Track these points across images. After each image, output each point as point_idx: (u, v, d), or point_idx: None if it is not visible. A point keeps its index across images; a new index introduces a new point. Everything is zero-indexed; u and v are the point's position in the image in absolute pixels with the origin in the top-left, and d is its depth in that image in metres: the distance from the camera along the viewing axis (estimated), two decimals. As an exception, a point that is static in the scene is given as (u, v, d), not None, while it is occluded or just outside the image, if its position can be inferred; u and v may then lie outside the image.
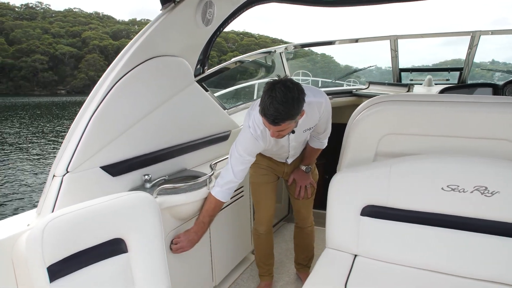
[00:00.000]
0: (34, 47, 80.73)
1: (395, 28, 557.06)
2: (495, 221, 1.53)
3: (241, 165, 1.97)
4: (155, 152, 2.03)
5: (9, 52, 77.98)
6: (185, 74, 2.18)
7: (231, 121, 2.75)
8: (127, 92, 1.78)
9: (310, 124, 2.02)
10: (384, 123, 1.80)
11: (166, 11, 1.94)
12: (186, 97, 2.21)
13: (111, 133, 1.74)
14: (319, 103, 1.94)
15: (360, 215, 1.77)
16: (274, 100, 1.60)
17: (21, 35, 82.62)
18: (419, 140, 1.76)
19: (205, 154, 2.47)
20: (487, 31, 4.14)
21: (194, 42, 2.21)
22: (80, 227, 1.36)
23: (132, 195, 1.56)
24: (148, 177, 1.91)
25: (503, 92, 3.26)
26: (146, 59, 1.86)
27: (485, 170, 1.54)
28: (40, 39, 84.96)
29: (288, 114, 1.63)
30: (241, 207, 2.67)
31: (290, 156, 2.28)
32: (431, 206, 1.64)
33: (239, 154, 1.96)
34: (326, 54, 79.89)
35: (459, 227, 1.59)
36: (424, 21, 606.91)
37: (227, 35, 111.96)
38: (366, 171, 1.77)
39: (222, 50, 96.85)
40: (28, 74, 76.64)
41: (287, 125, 1.70)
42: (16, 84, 75.84)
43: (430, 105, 1.72)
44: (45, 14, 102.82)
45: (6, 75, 76.08)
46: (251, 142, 1.95)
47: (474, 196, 1.55)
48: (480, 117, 1.62)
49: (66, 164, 1.55)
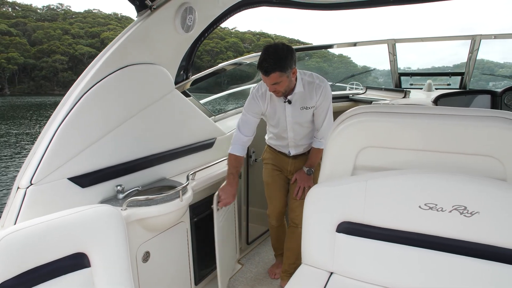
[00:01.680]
0: (54, 48, 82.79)
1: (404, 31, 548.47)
2: (474, 242, 1.43)
3: (245, 123, 2.33)
4: (131, 162, 1.99)
5: (31, 52, 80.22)
6: (163, 82, 2.14)
7: (216, 128, 2.70)
8: (98, 101, 1.74)
9: (307, 103, 2.28)
10: (363, 135, 1.70)
11: (141, 18, 1.90)
12: (165, 105, 2.17)
13: (81, 143, 1.70)
14: (319, 86, 2.26)
15: (336, 231, 1.69)
16: (266, 55, 2.02)
17: (43, 36, 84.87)
18: (398, 154, 1.66)
19: (187, 162, 2.43)
20: (489, 35, 3.99)
21: (174, 49, 2.17)
22: (38, 242, 1.32)
23: (95, 209, 1.52)
24: (120, 188, 1.87)
25: (502, 100, 3.10)
26: (120, 67, 1.82)
27: (465, 189, 1.43)
28: (61, 40, 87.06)
29: (277, 64, 2.00)
30: (226, 216, 2.61)
31: (291, 145, 2.45)
32: (408, 225, 1.54)
33: (242, 113, 2.34)
34: (344, 55, 79.16)
35: (437, 247, 1.49)
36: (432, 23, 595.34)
37: (244, 35, 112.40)
38: (343, 186, 1.68)
39: (239, 51, 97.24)
40: (49, 74, 78.67)
41: (279, 78, 2.04)
42: (37, 83, 77.95)
43: (411, 118, 1.62)
44: (65, 15, 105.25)
45: (28, 75, 78.29)
46: (252, 102, 2.32)
47: (453, 216, 1.45)
48: (463, 131, 1.51)
49: (30, 176, 1.52)
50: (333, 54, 79.12)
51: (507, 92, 3.09)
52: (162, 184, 2.13)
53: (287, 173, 2.56)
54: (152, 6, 1.90)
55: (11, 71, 75.05)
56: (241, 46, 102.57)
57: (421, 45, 30.45)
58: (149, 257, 1.94)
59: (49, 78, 78.95)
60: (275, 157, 2.55)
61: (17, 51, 77.83)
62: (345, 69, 74.32)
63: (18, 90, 75.73)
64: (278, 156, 2.54)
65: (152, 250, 1.96)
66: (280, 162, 2.54)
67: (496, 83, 9.00)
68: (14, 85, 76.23)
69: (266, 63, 2.00)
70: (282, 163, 2.54)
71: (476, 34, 4.03)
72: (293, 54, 2.07)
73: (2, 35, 79.68)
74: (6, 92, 73.70)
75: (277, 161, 2.55)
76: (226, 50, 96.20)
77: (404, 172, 1.58)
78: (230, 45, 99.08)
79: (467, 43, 4.21)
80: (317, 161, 2.47)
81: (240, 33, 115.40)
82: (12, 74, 75.71)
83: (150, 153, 2.13)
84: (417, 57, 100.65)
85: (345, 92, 4.83)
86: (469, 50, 4.17)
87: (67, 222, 1.42)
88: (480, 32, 4.50)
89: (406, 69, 29.65)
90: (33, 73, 78.46)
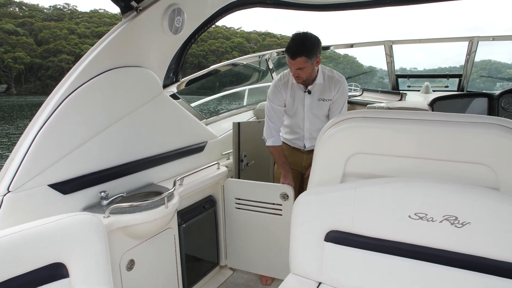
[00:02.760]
0: (61, 47, 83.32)
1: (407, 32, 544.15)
2: (466, 254, 1.37)
3: (273, 113, 2.46)
4: (116, 167, 1.94)
5: (37, 52, 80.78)
6: (151, 85, 2.09)
7: (207, 131, 2.64)
8: (82, 104, 1.69)
9: (325, 96, 2.42)
10: (353, 141, 1.64)
11: (127, 20, 1.85)
12: (153, 108, 2.12)
13: (63, 148, 1.65)
14: (338, 81, 2.41)
15: (324, 240, 1.63)
16: (294, 40, 2.18)
17: (49, 36, 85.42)
18: (389, 161, 1.60)
19: (176, 166, 2.37)
20: (488, 37, 3.94)
21: (162, 51, 2.12)
22: (13, 252, 1.28)
23: (73, 217, 1.46)
24: (104, 194, 1.82)
25: (499, 103, 3.02)
26: (104, 70, 1.77)
27: (456, 198, 1.37)
28: (67, 39, 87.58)
29: (304, 50, 2.15)
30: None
31: (307, 137, 2.55)
32: (398, 235, 1.48)
33: (269, 104, 2.47)
34: (349, 55, 78.89)
35: (427, 258, 1.43)
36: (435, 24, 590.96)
37: (249, 35, 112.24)
38: (331, 193, 1.62)
39: (244, 51, 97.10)
40: (55, 74, 79.05)
41: (304, 63, 2.18)
42: (43, 83, 78.43)
43: (403, 123, 1.56)
44: (72, 15, 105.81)
45: (34, 74, 78.87)
46: (275, 92, 2.44)
47: (443, 226, 1.39)
48: (455, 138, 1.45)
49: (8, 183, 1.47)
50: (339, 54, 78.90)
51: (504, 95, 3.01)
52: (149, 190, 2.08)
53: (302, 168, 2.68)
54: (138, 8, 1.85)
55: (18, 70, 75.65)
56: (247, 46, 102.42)
57: (427, 46, 29.97)
58: (134, 265, 1.89)
59: (55, 77, 79.26)
60: (289, 154, 2.65)
61: (24, 50, 78.45)
62: (350, 69, 74.12)
63: (24, 89, 76.33)
64: (293, 152, 2.65)
65: (137, 258, 1.91)
66: (295, 158, 2.65)
67: (503, 83, 8.82)
68: (20, 85, 76.86)
69: (294, 47, 2.15)
70: (297, 158, 2.65)
71: (474, 36, 3.97)
72: (319, 43, 2.23)
73: (9, 34, 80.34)
74: (13, 92, 74.32)
75: (292, 158, 2.64)
76: (231, 50, 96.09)
77: (393, 180, 1.52)
78: (235, 45, 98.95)
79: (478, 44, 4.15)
80: None
81: (246, 33, 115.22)
82: (18, 74, 76.32)
83: (137, 157, 2.08)
84: (423, 58, 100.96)
85: None
86: (467, 52, 4.12)
87: (44, 232, 1.37)
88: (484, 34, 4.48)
89: (412, 70, 28.62)
90: (39, 73, 79.06)
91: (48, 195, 1.62)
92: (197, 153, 2.53)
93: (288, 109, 2.52)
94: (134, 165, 2.05)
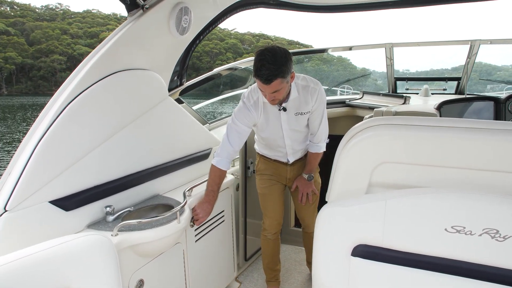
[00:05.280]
0: (53, 48, 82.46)
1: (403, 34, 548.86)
2: (507, 269, 1.29)
3: (236, 133, 2.10)
4: (121, 179, 1.82)
5: (29, 52, 79.86)
6: (156, 89, 1.99)
7: (212, 137, 2.54)
8: (84, 113, 1.58)
9: (303, 109, 2.15)
10: (380, 149, 1.55)
11: (133, 19, 1.76)
12: (158, 114, 2.02)
13: (64, 161, 1.53)
14: (314, 89, 2.12)
15: (351, 255, 1.54)
16: (264, 61, 1.82)
17: (41, 36, 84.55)
18: (420, 171, 1.51)
19: (182, 176, 2.26)
20: (486, 40, 3.95)
21: (168, 53, 2.03)
22: (15, 281, 1.15)
23: (81, 238, 1.33)
24: (110, 209, 1.70)
25: (505, 107, 2.99)
26: (108, 74, 1.66)
27: (496, 210, 1.30)
28: (59, 40, 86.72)
29: (278, 70, 1.83)
30: (222, 232, 2.46)
31: (290, 153, 2.33)
32: (433, 249, 1.39)
33: (233, 122, 2.11)
34: (343, 57, 79.27)
35: (465, 274, 1.35)
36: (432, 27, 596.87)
37: (243, 36, 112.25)
38: (358, 205, 1.52)
39: (238, 52, 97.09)
40: (47, 74, 78.34)
41: (280, 85, 1.88)
42: (35, 83, 77.59)
43: (434, 131, 1.47)
44: (64, 15, 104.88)
45: (25, 74, 77.96)
46: (244, 111, 2.10)
47: (483, 240, 1.31)
48: (489, 146, 1.38)
49: (4, 202, 1.35)
50: (332, 56, 79.16)
51: (511, 99, 2.98)
52: (156, 202, 1.97)
53: (286, 181, 2.46)
54: (145, 6, 1.76)
55: (9, 70, 74.69)
56: (241, 47, 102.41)
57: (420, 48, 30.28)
58: (143, 286, 1.77)
59: (47, 78, 78.58)
60: (271, 166, 2.42)
61: (15, 50, 77.46)
62: (344, 71, 74.43)
63: (15, 90, 75.35)
64: (274, 165, 2.41)
65: (147, 277, 1.78)
66: (277, 170, 2.42)
67: (493, 85, 8.96)
68: (11, 85, 75.86)
69: (266, 69, 1.81)
70: (280, 171, 2.42)
71: (476, 39, 3.96)
72: (290, 56, 1.92)
73: (0, 34, 79.36)
74: (4, 92, 73.39)
75: (274, 171, 2.42)
76: (225, 51, 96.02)
77: (428, 191, 1.43)
78: (229, 46, 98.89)
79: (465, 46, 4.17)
80: (315, 166, 2.41)
81: (240, 34, 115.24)
82: (9, 74, 75.34)
83: (142, 168, 1.96)
84: (416, 59, 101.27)
85: (342, 97, 4.74)
86: (468, 55, 4.08)
87: (49, 257, 1.24)
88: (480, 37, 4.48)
89: (405, 71, 28.94)
90: (31, 73, 78.13)
91: (49, 212, 1.50)
92: (202, 160, 2.43)
93: (261, 130, 2.24)
94: (140, 176, 1.93)
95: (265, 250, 2.55)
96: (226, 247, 2.49)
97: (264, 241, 2.53)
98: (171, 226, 1.73)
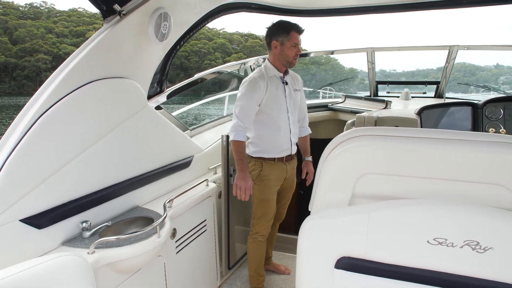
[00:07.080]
0: (37, 47, 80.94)
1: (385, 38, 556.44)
2: (488, 280, 1.30)
3: (248, 112, 2.35)
4: (98, 192, 1.76)
5: (12, 51, 78.23)
6: (135, 97, 1.94)
7: (193, 144, 2.50)
8: (57, 125, 1.51)
9: (297, 86, 2.63)
10: (363, 160, 1.54)
11: (109, 25, 1.71)
12: (137, 123, 1.96)
13: (36, 176, 1.46)
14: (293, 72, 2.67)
15: (335, 267, 1.52)
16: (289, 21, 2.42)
17: (25, 35, 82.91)
18: (403, 182, 1.51)
19: (162, 185, 2.22)
20: (463, 46, 4.12)
21: (147, 60, 1.98)
22: None
23: (53, 260, 1.25)
24: (86, 225, 1.64)
25: (483, 112, 3.05)
26: (83, 84, 1.61)
27: (476, 222, 1.30)
28: (44, 39, 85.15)
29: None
30: (205, 241, 2.42)
31: (293, 133, 2.55)
32: (416, 261, 1.39)
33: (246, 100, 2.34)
34: (331, 57, 79.94)
35: (448, 285, 1.35)
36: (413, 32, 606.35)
37: (232, 36, 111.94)
38: (341, 217, 1.51)
39: (227, 52, 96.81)
40: (32, 74, 76.77)
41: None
42: (19, 83, 75.99)
43: (418, 142, 1.47)
44: (49, 14, 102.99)
45: (9, 74, 76.34)
46: (256, 86, 2.36)
47: (464, 252, 1.31)
48: (469, 158, 1.38)
49: None
50: (321, 56, 79.79)
51: (487, 104, 3.04)
52: (135, 214, 1.91)
53: (284, 182, 2.65)
54: (122, 12, 1.72)
55: (-8, 70, 73.22)
56: (229, 47, 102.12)
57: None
58: None
59: (32, 78, 77.01)
60: (275, 170, 2.56)
61: (-2, 49, 76.01)
62: (332, 72, 74.96)
63: (-2, 89, 73.90)
64: (277, 168, 2.57)
65: None
66: (280, 173, 2.59)
67: (477, 88, 9.26)
68: (-6, 85, 74.39)
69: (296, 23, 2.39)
70: (282, 173, 2.60)
71: (454, 44, 4.11)
72: None
73: (-17, 33, 77.71)
74: (-14, 92, 71.87)
75: (278, 174, 2.58)
76: (214, 51, 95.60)
77: (411, 203, 1.43)
78: (218, 46, 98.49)
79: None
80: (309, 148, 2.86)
81: (228, 34, 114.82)
82: (-8, 73, 73.86)
83: (120, 180, 1.90)
84: (402, 60, 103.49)
85: (324, 100, 4.83)
86: (446, 60, 4.22)
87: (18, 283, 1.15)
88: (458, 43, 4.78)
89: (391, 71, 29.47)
90: (14, 73, 76.49)
91: (21, 231, 1.43)
92: (183, 169, 2.38)
93: (267, 106, 2.43)
94: (117, 188, 1.87)
95: (256, 253, 2.57)
96: (208, 257, 2.45)
97: (255, 244, 2.56)
98: (151, 241, 1.67)
